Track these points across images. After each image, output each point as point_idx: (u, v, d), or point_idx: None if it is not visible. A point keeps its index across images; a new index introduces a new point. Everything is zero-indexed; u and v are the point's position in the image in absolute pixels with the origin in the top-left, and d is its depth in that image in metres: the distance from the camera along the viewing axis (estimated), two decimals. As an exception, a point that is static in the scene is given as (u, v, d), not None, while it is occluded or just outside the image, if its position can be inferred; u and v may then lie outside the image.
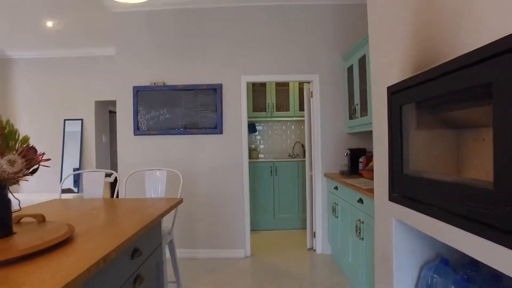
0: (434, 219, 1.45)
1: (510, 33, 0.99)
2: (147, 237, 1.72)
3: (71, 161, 5.79)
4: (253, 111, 5.37)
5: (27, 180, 1.25)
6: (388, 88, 1.90)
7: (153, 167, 2.93)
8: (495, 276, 1.46)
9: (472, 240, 1.20)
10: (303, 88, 4.31)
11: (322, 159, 3.89)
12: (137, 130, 3.83)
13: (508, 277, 1.03)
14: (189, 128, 3.80)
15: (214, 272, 3.42)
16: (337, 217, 3.44)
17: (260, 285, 3.11)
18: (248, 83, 4.02)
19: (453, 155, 1.42)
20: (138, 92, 3.82)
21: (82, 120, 5.79)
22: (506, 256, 1.04)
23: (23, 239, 1.22)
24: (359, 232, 2.68)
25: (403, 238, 1.91)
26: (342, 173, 3.68)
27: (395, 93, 1.81)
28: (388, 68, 1.95)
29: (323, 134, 3.88)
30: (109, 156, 6.46)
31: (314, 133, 3.93)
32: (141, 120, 3.82)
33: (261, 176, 4.99)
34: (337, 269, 3.44)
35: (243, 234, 3.89)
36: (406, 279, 1.94)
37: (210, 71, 3.85)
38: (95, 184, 2.67)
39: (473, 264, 1.59)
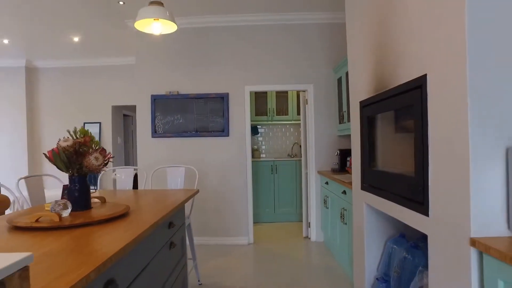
0: (386, 200, 2.01)
1: (416, 77, 1.56)
2: (176, 215, 2.29)
3: (90, 161, 6.36)
4: (256, 115, 5.93)
5: (105, 171, 1.81)
6: (360, 102, 2.47)
7: (173, 165, 3.50)
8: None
9: (404, 211, 1.77)
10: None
11: (316, 158, 4.45)
12: (155, 133, 4.40)
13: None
14: (200, 131, 4.37)
15: (222, 255, 3.99)
16: (328, 208, 4.00)
17: (261, 266, 3.67)
18: (251, 92, 4.58)
19: (399, 154, 1.97)
20: (156, 100, 4.39)
21: (100, 123, 6.37)
22: (419, 218, 1.61)
23: (99, 211, 1.79)
24: (343, 218, 3.25)
25: (371, 220, 2.47)
26: (333, 171, 4.23)
27: (365, 106, 2.38)
28: (360, 86, 2.51)
29: (316, 136, 4.44)
30: (123, 156, 7.04)
31: (309, 136, 4.49)
32: (158, 124, 4.39)
33: (262, 174, 5.55)
34: (328, 252, 4.00)
35: (246, 224, 4.45)
36: (374, 251, 2.49)
37: (218, 81, 4.42)
38: (127, 177, 3.24)
39: (422, 237, 2.13)
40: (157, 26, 2.57)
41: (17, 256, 0.72)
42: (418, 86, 1.58)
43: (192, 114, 4.37)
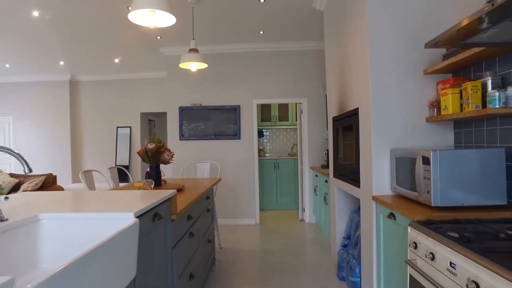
0: (345, 182, 3.18)
1: (354, 108, 2.73)
2: (210, 192, 3.47)
3: (121, 158, 7.60)
4: (261, 121, 7.11)
5: (172, 162, 3.01)
6: (332, 117, 3.64)
7: (201, 161, 4.68)
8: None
9: (352, 187, 2.95)
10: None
11: (309, 156, 5.61)
12: (182, 136, 5.59)
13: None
14: (218, 135, 5.56)
15: (235, 231, 5.17)
16: (317, 195, 5.16)
17: (266, 239, 4.84)
18: (257, 104, 5.76)
19: (349, 152, 3.13)
20: (183, 110, 5.59)
21: (130, 127, 7.59)
22: (357, 190, 2.78)
23: (168, 186, 2.97)
24: (325, 200, 4.41)
25: (340, 198, 3.63)
26: (322, 166, 5.39)
27: (335, 120, 3.55)
28: (332, 106, 3.68)
29: (309, 139, 5.61)
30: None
31: (304, 139, 5.66)
32: (184, 129, 5.59)
33: (267, 169, 6.73)
34: (317, 229, 5.17)
35: (254, 209, 5.63)
36: (343, 220, 3.64)
37: (232, 96, 5.61)
38: (164, 169, 4.44)
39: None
40: (193, 66, 3.76)
41: (167, 193, 1.90)
42: (355, 113, 2.75)
43: (212, 122, 5.56)
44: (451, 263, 1.32)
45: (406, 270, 1.78)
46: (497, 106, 1.72)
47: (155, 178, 2.93)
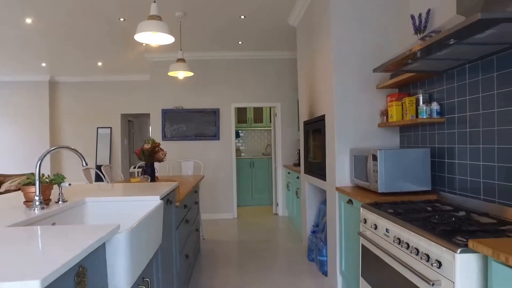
0: (314, 177, 3.74)
1: (322, 114, 3.29)
2: (197, 187, 3.92)
3: (102, 157, 7.84)
4: (238, 122, 7.60)
5: (165, 160, 3.42)
6: (304, 121, 4.19)
7: (185, 160, 5.11)
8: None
9: (319, 181, 3.50)
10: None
11: (282, 156, 6.16)
12: (164, 137, 5.98)
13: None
14: (198, 136, 5.99)
15: (216, 225, 5.63)
16: (289, 190, 5.72)
17: (244, 231, 5.34)
18: (235, 107, 6.24)
19: (317, 151, 3.69)
20: (165, 112, 5.98)
21: (111, 128, 7.85)
22: (323, 182, 3.34)
23: (162, 180, 3.39)
24: (297, 194, 4.97)
25: (310, 192, 4.18)
26: (294, 164, 5.95)
27: (305, 124, 4.10)
28: (304, 111, 4.23)
29: (282, 140, 6.16)
30: (128, 155, 8.53)
31: (277, 139, 6.20)
32: (167, 131, 5.98)
33: (243, 168, 7.22)
34: (289, 221, 5.72)
35: (232, 204, 6.11)
36: (312, 211, 4.20)
37: (212, 99, 6.05)
38: (162, 169, 4.83)
39: (332, 196, 3.87)
40: (181, 74, 4.19)
41: (173, 184, 2.36)
42: (322, 119, 3.30)
43: (193, 123, 5.99)
44: (386, 229, 1.88)
45: (359, 241, 2.34)
46: (425, 117, 2.31)
47: (150, 174, 3.35)
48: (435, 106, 2.30)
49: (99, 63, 6.55)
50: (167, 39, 2.83)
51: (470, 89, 2.05)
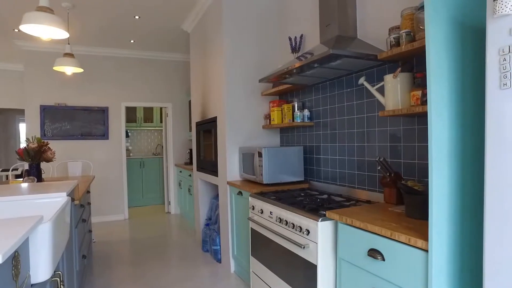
0: (206, 174, 4.05)
1: (213, 116, 3.63)
2: (89, 188, 3.82)
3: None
4: (127, 122, 7.41)
5: (55, 160, 3.25)
6: (196, 122, 4.47)
7: (72, 160, 4.82)
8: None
9: (211, 177, 3.84)
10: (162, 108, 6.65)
11: (173, 155, 6.31)
12: (44, 136, 5.50)
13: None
14: (84, 135, 5.70)
15: (106, 227, 5.46)
16: (182, 188, 5.92)
17: (136, 230, 5.33)
18: (126, 107, 6.12)
19: (209, 150, 4.02)
20: (45, 109, 5.51)
21: (-31, 125, 6.75)
22: (215, 178, 3.69)
23: (49, 181, 3.24)
24: (190, 191, 5.22)
25: (202, 188, 4.48)
26: (185, 163, 6.17)
27: (198, 125, 4.38)
28: (196, 112, 4.51)
29: (174, 139, 6.31)
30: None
31: (169, 139, 6.32)
32: (47, 129, 5.51)
33: (133, 168, 7.09)
34: (182, 218, 5.93)
35: (123, 205, 5.99)
36: (205, 205, 4.50)
37: (101, 97, 5.82)
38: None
39: (223, 191, 4.25)
40: (69, 70, 4.01)
41: (74, 182, 2.39)
42: (214, 120, 3.65)
43: (78, 122, 5.67)
44: (270, 212, 2.32)
45: (248, 227, 2.75)
46: (299, 121, 2.86)
47: (36, 175, 3.18)
48: (306, 112, 2.86)
49: (-44, 50, 5.61)
50: (60, 33, 2.77)
51: (329, 100, 2.65)
